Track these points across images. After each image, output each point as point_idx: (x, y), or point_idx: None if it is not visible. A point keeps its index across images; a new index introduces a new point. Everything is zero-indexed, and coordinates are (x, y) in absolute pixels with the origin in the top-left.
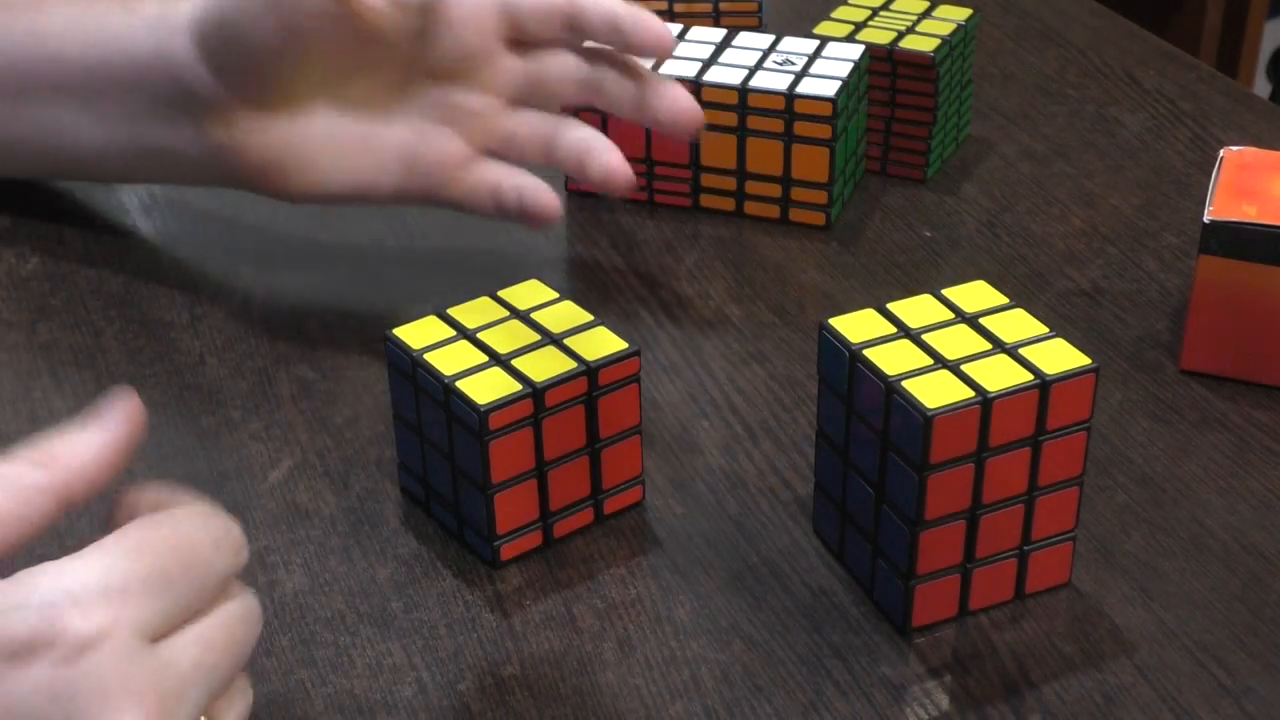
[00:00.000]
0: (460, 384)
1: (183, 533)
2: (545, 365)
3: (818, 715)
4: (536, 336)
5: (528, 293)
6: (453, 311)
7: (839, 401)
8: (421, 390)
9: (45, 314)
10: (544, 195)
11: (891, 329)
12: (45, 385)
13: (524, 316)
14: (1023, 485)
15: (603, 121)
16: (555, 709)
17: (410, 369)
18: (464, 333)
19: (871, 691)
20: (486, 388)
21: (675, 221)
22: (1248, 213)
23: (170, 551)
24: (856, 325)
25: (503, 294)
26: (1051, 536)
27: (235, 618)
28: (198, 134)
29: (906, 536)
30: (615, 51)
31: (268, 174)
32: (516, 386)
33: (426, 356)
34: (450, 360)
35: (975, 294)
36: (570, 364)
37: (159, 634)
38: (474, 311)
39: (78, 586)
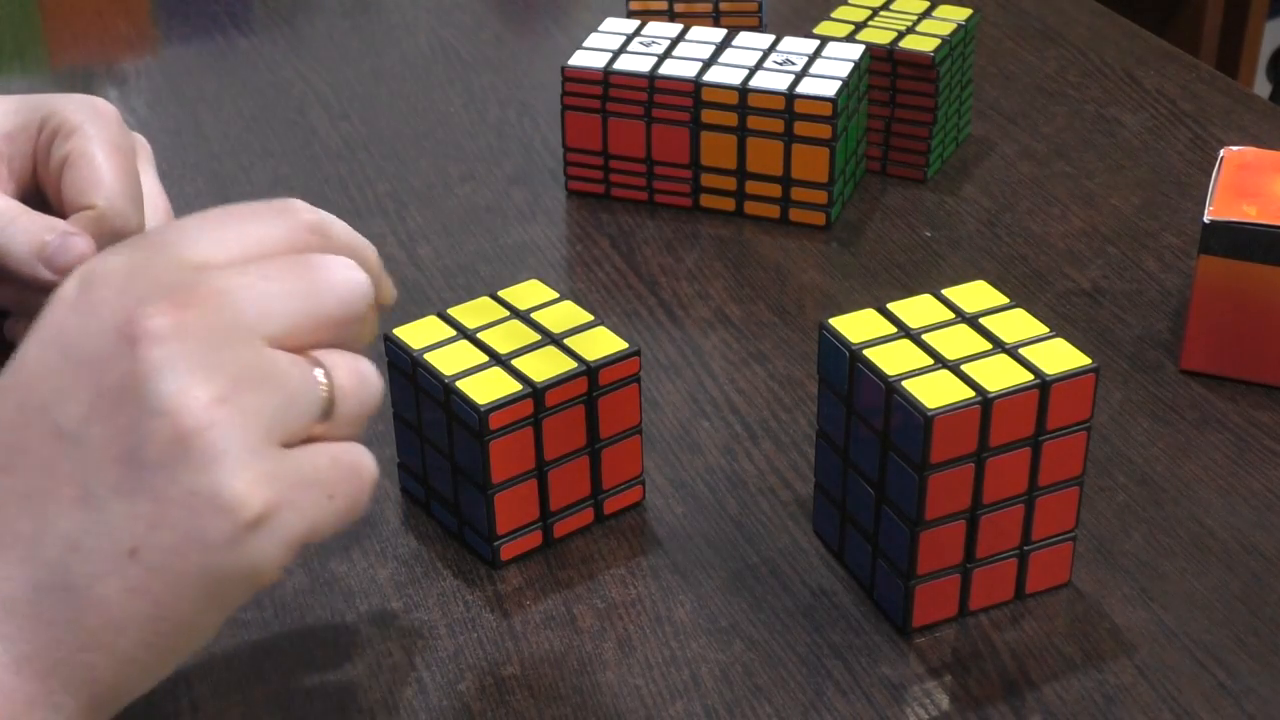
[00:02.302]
0: (460, 384)
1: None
2: (545, 365)
3: (818, 715)
4: (536, 336)
5: (528, 293)
6: (453, 311)
7: (839, 401)
8: (421, 390)
9: None
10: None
11: (891, 329)
12: None
13: (524, 316)
14: (1023, 485)
15: (603, 121)
16: (555, 709)
17: (410, 369)
18: (464, 333)
19: (871, 691)
20: (487, 388)
21: (675, 221)
22: (1248, 213)
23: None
24: (856, 325)
25: (503, 294)
26: (1052, 536)
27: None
28: None
29: (907, 536)
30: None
31: None
32: (517, 386)
33: (426, 356)
34: (450, 360)
35: (975, 294)
36: (570, 364)
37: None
38: (474, 311)
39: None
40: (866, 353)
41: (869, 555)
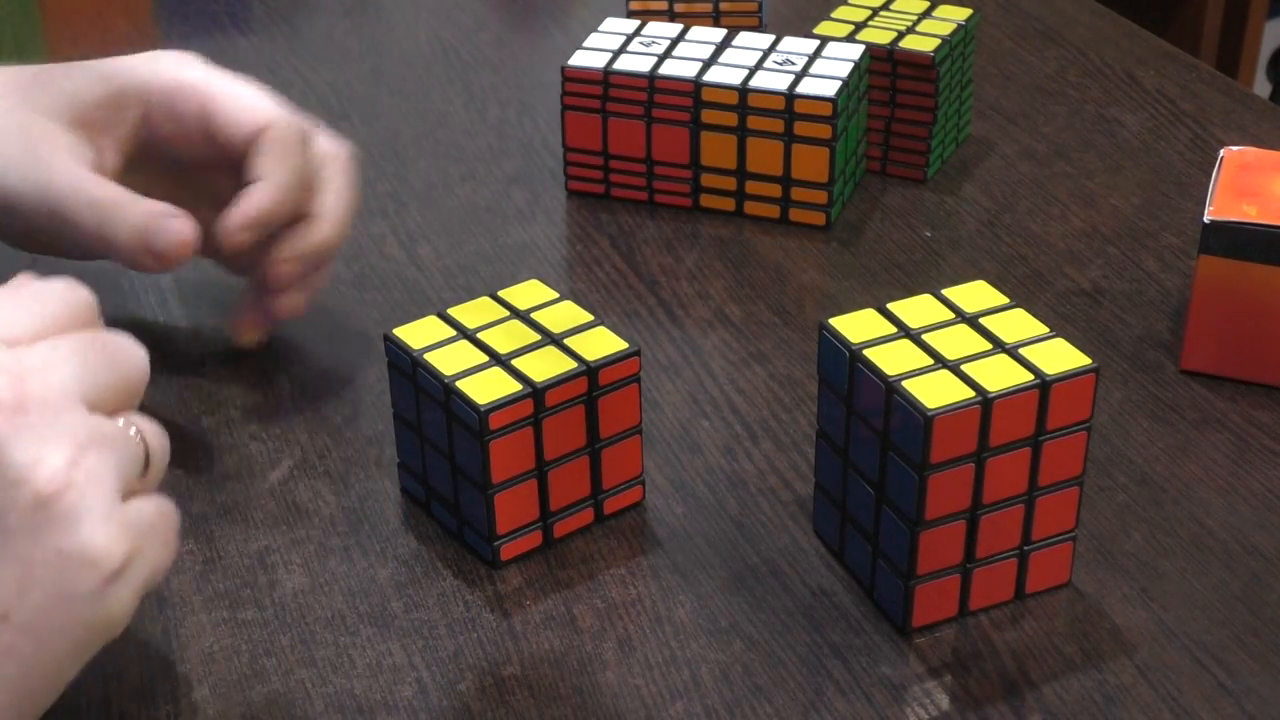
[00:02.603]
0: (460, 384)
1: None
2: (546, 365)
3: (818, 715)
4: (537, 336)
5: (528, 293)
6: (453, 311)
7: (839, 401)
8: (422, 390)
9: None
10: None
11: (891, 329)
12: None
13: (524, 316)
14: (1023, 485)
15: (603, 121)
16: (555, 709)
17: (410, 369)
18: (464, 333)
19: (871, 691)
20: (487, 388)
21: (675, 221)
22: (1248, 213)
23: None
24: (856, 325)
25: (503, 294)
26: (1052, 536)
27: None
28: None
29: (907, 536)
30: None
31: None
32: (517, 386)
33: (426, 356)
34: (450, 360)
35: (975, 294)
36: (570, 364)
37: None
38: (474, 311)
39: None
40: (866, 353)
41: (869, 555)
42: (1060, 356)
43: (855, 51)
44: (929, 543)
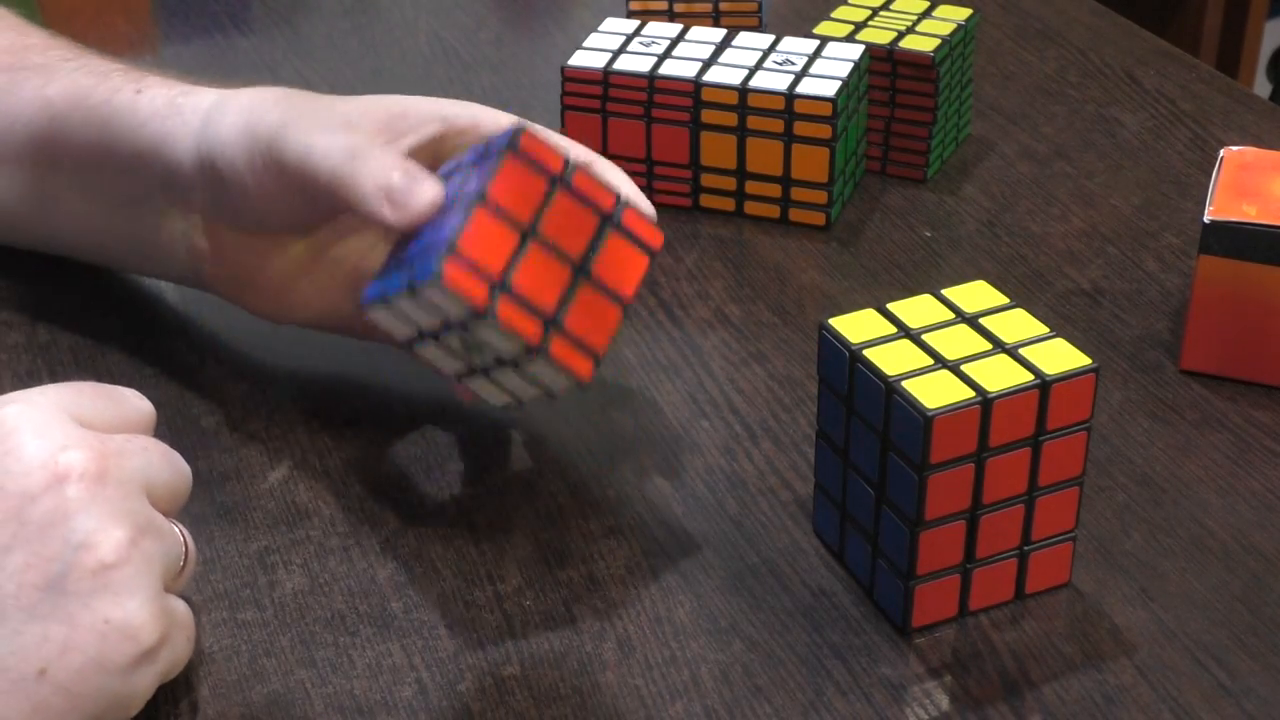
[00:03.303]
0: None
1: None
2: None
3: (818, 715)
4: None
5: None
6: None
7: (839, 401)
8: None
9: (45, 314)
10: None
11: (891, 329)
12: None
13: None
14: (1023, 485)
15: (602, 121)
16: (555, 709)
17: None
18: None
19: (871, 691)
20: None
21: (675, 221)
22: (1248, 213)
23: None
24: (856, 325)
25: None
26: (1051, 537)
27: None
28: (183, 232)
29: (906, 536)
30: None
31: (241, 293)
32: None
33: (866, 353)
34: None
35: (975, 294)
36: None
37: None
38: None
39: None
40: (866, 353)
41: (869, 555)
42: (1060, 356)
43: (855, 51)
44: (929, 543)
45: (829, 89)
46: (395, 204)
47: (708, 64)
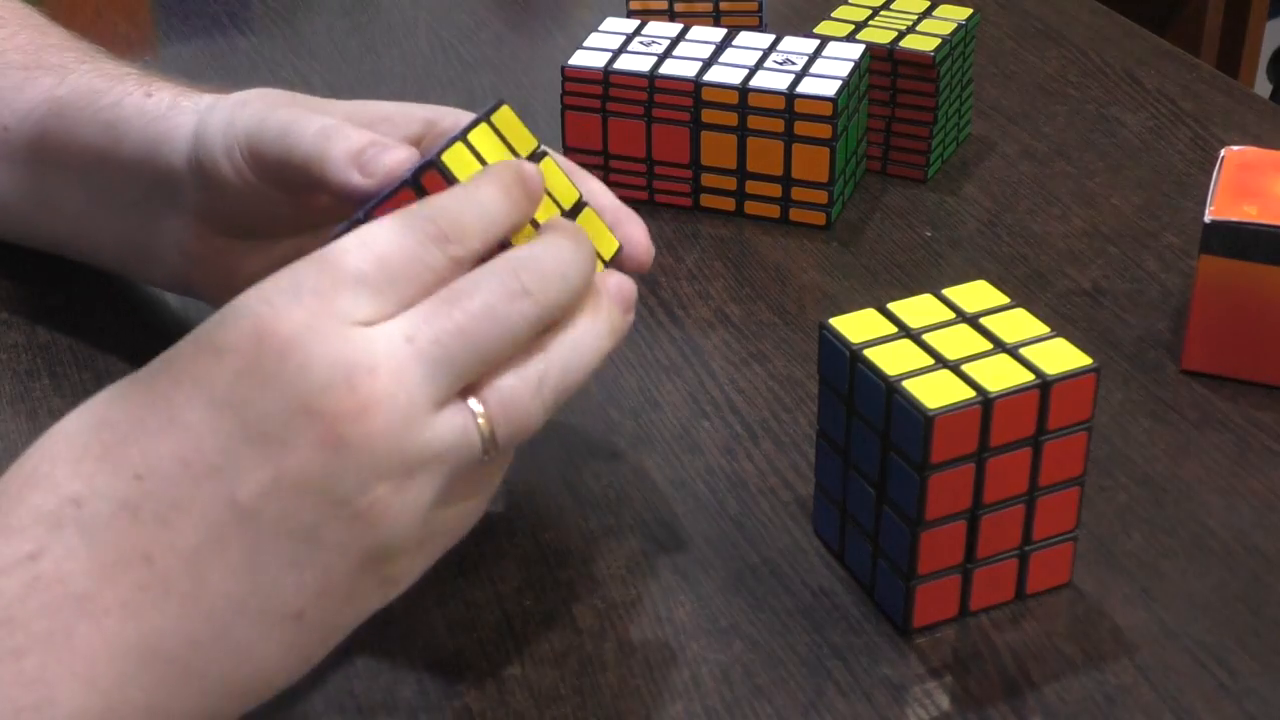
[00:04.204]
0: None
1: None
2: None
3: (818, 715)
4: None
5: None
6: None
7: (839, 401)
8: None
9: (45, 314)
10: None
11: (892, 329)
12: (45, 385)
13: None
14: (1023, 485)
15: (603, 121)
16: (555, 709)
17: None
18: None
19: (871, 691)
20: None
21: (675, 221)
22: (1248, 213)
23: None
24: (857, 325)
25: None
26: (1052, 537)
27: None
28: (176, 235)
29: (907, 536)
30: None
31: (227, 298)
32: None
33: (866, 353)
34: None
35: (976, 294)
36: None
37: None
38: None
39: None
40: (867, 353)
41: (869, 555)
42: (1061, 356)
43: (855, 51)
44: (929, 543)
45: (829, 89)
46: (364, 168)
47: (708, 64)
